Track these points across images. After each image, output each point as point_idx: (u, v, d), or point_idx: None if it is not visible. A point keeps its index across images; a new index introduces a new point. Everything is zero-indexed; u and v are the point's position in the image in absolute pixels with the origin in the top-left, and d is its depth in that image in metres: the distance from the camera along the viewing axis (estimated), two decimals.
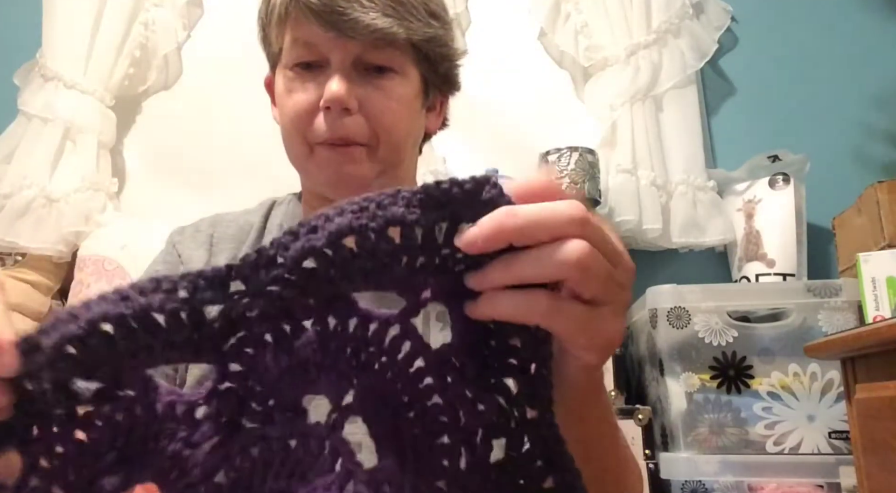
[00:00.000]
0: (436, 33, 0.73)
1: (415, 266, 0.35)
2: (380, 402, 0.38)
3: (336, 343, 0.36)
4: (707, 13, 1.77)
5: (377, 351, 0.37)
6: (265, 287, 0.34)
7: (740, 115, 1.78)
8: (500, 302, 0.36)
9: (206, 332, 0.34)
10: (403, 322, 0.37)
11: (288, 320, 0.35)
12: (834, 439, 1.24)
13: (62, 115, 1.78)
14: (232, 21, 1.96)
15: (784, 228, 1.56)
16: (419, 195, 0.35)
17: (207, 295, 0.33)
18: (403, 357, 0.38)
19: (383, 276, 0.35)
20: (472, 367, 0.38)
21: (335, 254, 0.34)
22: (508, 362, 0.38)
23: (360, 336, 0.37)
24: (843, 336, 0.98)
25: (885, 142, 1.70)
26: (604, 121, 1.72)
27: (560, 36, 1.82)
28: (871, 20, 1.76)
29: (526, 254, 0.35)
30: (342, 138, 0.70)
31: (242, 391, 0.36)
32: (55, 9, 1.87)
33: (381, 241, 0.34)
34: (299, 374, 0.36)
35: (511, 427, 0.38)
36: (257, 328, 0.35)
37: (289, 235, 0.34)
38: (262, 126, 1.82)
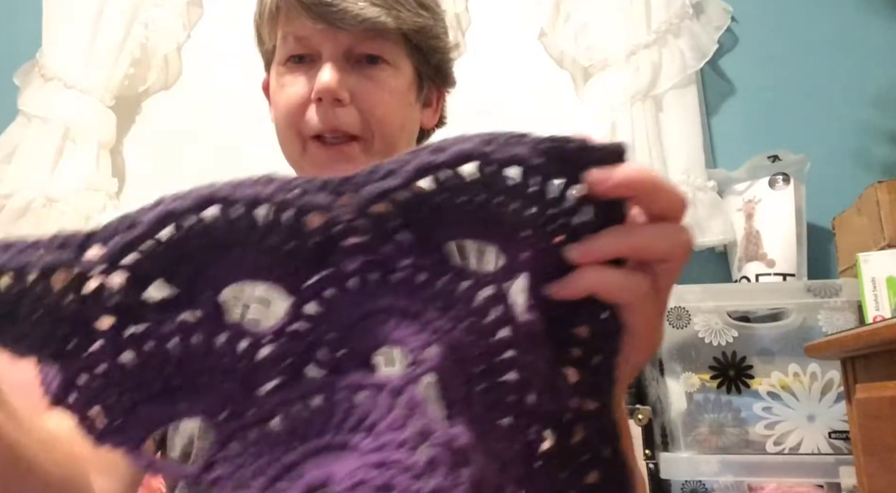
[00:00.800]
0: (426, 23, 0.73)
1: (521, 219, 0.34)
2: (458, 365, 0.35)
3: (425, 294, 0.34)
4: (707, 13, 1.77)
5: (465, 310, 0.35)
6: (370, 204, 0.32)
7: (740, 115, 1.78)
8: (603, 276, 0.35)
9: (298, 248, 0.32)
10: (498, 284, 0.35)
11: (379, 259, 0.33)
12: (834, 439, 1.24)
13: (62, 115, 1.78)
14: (232, 21, 1.95)
15: (784, 228, 1.56)
16: (547, 144, 0.33)
17: (317, 199, 0.32)
18: (490, 323, 0.35)
19: (489, 222, 0.34)
20: (551, 350, 0.36)
21: (452, 178, 0.32)
22: (572, 351, 0.37)
23: (450, 291, 0.34)
24: (843, 336, 0.98)
25: (885, 142, 1.69)
26: (604, 121, 1.71)
27: (560, 36, 1.82)
28: (871, 20, 1.75)
29: (649, 226, 0.35)
30: (334, 130, 0.69)
31: (313, 336, 0.34)
32: (55, 9, 1.87)
33: (501, 176, 0.32)
34: (379, 320, 0.34)
35: (566, 417, 0.37)
36: (346, 265, 0.33)
37: (408, 154, 0.32)
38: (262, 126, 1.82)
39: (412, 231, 0.34)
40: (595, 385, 0.36)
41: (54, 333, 0.32)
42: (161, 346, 0.33)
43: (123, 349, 0.33)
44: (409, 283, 0.34)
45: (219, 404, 0.34)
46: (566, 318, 0.37)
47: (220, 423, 0.34)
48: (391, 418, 0.34)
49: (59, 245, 0.32)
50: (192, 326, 0.34)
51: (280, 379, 0.34)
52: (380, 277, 0.34)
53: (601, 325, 0.36)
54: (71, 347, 0.33)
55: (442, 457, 0.32)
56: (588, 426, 0.37)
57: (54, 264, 0.31)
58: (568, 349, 0.37)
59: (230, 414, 0.34)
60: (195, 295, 0.33)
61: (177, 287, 0.33)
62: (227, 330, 0.34)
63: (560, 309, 0.36)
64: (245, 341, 0.34)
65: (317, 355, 0.35)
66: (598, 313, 0.36)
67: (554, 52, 1.87)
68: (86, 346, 0.33)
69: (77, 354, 0.33)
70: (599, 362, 0.36)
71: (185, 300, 0.33)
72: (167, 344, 0.33)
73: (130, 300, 0.33)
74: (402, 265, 0.34)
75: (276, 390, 0.34)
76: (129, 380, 0.33)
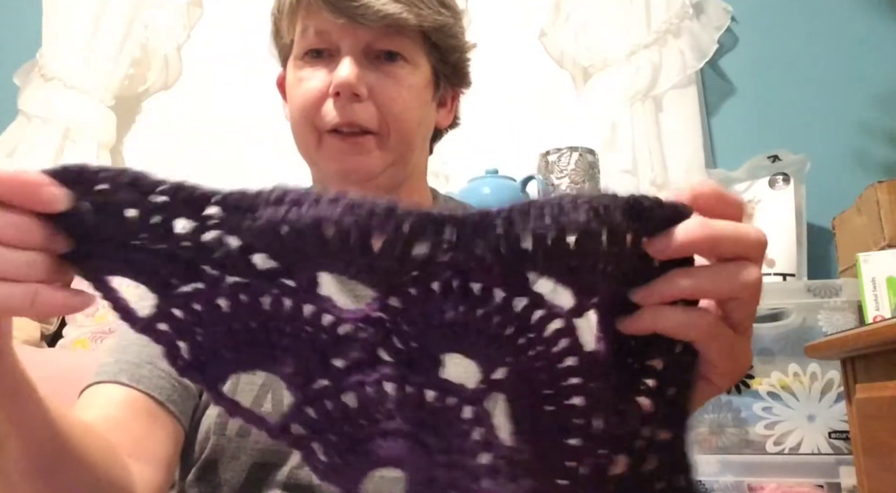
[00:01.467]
0: (446, 21, 0.73)
1: (600, 272, 0.36)
2: (526, 387, 0.38)
3: (501, 317, 0.36)
4: (707, 13, 1.77)
5: (536, 338, 0.37)
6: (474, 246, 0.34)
7: (740, 115, 1.78)
8: (664, 315, 0.37)
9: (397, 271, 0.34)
10: (568, 319, 0.37)
11: (465, 278, 0.35)
12: (834, 439, 1.24)
13: (62, 115, 1.78)
14: (232, 21, 1.96)
15: (784, 228, 1.56)
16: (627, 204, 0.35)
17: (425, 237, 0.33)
18: (558, 352, 0.38)
19: (571, 270, 0.35)
20: (618, 379, 0.38)
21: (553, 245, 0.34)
22: (646, 382, 0.38)
23: (524, 317, 0.37)
24: (843, 336, 0.98)
25: (885, 142, 1.69)
26: (604, 121, 1.72)
27: (560, 36, 1.82)
28: (871, 20, 1.75)
29: (706, 268, 0.37)
30: (351, 124, 0.69)
31: (391, 326, 0.37)
32: (55, 9, 1.87)
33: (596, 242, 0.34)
34: (454, 331, 0.37)
35: (639, 445, 0.38)
36: (437, 274, 0.35)
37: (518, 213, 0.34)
38: (262, 125, 1.83)
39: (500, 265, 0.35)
40: (669, 416, 0.38)
41: (163, 268, 0.35)
42: (255, 300, 0.36)
43: (222, 295, 0.36)
44: (490, 299, 0.36)
45: (298, 368, 0.37)
46: (642, 350, 0.38)
47: (297, 386, 0.37)
48: (458, 424, 0.36)
49: (184, 199, 0.35)
50: (287, 290, 0.36)
51: (357, 357, 0.37)
52: (462, 286, 0.36)
53: (675, 358, 0.38)
54: (174, 281, 0.36)
55: (501, 467, 0.35)
56: (662, 456, 0.38)
57: (179, 212, 0.34)
58: (643, 380, 0.38)
59: (307, 379, 0.37)
60: (295, 271, 0.36)
61: (279, 264, 0.36)
62: (317, 302, 0.37)
63: (635, 342, 0.38)
64: (330, 316, 0.37)
65: (392, 344, 0.37)
66: (673, 346, 0.38)
67: (554, 52, 1.87)
68: (188, 283, 0.36)
69: (178, 287, 0.36)
70: (673, 394, 0.38)
71: (285, 273, 0.36)
72: (261, 299, 0.36)
73: (238, 259, 0.35)
74: (484, 280, 0.36)
75: (351, 366, 0.37)
76: (219, 324, 0.36)
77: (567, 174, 1.59)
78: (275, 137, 0.76)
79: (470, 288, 0.36)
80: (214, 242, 0.35)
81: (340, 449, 0.37)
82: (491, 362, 0.38)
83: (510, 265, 0.35)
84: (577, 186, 1.58)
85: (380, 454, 0.37)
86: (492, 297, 0.36)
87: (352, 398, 0.37)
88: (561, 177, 1.58)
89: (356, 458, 0.37)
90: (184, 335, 0.36)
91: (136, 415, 0.62)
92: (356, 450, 0.37)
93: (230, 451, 0.65)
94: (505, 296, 0.36)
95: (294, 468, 0.64)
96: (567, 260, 0.34)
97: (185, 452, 0.67)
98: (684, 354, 0.38)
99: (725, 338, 0.38)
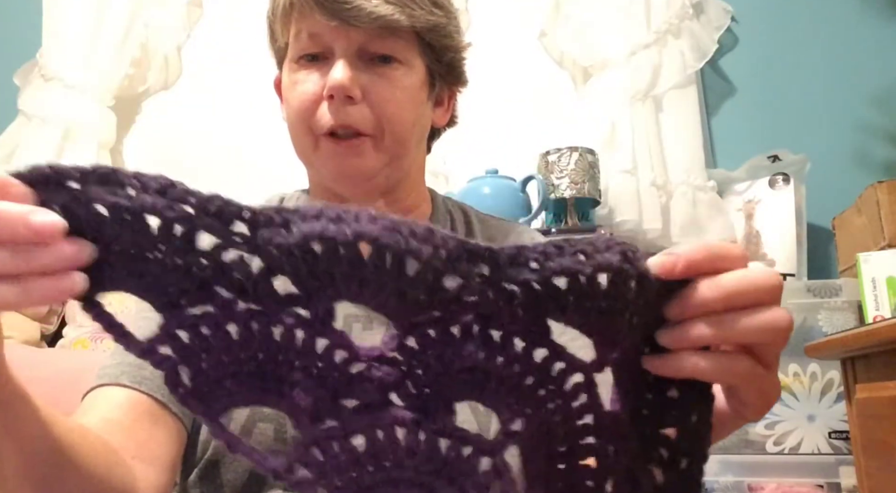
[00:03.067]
0: (439, 21, 0.73)
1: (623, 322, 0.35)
2: (542, 442, 0.37)
3: (521, 365, 0.36)
4: (707, 13, 1.77)
5: (556, 391, 0.36)
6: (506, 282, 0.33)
7: (740, 115, 1.78)
8: (698, 362, 0.36)
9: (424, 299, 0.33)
10: (588, 373, 0.37)
11: (486, 324, 0.35)
12: (834, 439, 1.24)
13: (62, 115, 1.78)
14: (232, 21, 1.96)
15: (784, 229, 1.56)
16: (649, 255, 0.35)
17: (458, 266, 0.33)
18: (577, 407, 0.37)
19: (595, 318, 0.35)
20: (633, 444, 0.38)
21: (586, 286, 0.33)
22: (660, 451, 0.38)
23: (545, 369, 0.36)
24: (843, 336, 0.98)
25: (885, 142, 1.69)
26: (604, 121, 1.71)
27: (560, 36, 1.82)
28: (871, 20, 1.75)
29: (732, 316, 0.36)
30: (346, 127, 0.69)
31: (406, 368, 0.36)
32: (55, 9, 1.87)
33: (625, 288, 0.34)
34: (473, 377, 0.36)
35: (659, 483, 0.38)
36: (456, 314, 0.34)
37: (554, 249, 0.33)
38: (262, 126, 1.83)
39: (527, 308, 0.35)
40: (680, 489, 0.38)
41: (175, 285, 0.34)
42: (267, 330, 0.34)
43: (232, 321, 0.34)
44: (510, 346, 0.35)
45: (307, 406, 0.35)
46: (656, 418, 0.38)
47: (304, 425, 0.35)
48: (475, 476, 0.35)
49: (214, 212, 0.33)
50: (301, 321, 0.35)
51: (369, 398, 0.35)
52: (482, 332, 0.35)
53: (690, 428, 0.37)
54: (184, 301, 0.34)
55: None
56: (679, 483, 0.38)
57: (207, 228, 0.33)
58: (656, 448, 0.38)
59: (315, 418, 0.35)
60: (314, 299, 0.34)
61: (301, 290, 0.34)
62: (332, 336, 0.35)
63: (648, 410, 0.38)
64: (343, 352, 0.35)
65: (405, 387, 0.36)
66: (689, 415, 0.37)
67: (554, 52, 1.87)
68: (199, 305, 0.34)
69: (187, 308, 0.34)
70: (686, 466, 0.37)
71: (303, 301, 0.34)
72: (272, 329, 0.34)
73: (257, 282, 0.34)
74: (505, 327, 0.35)
75: (362, 408, 0.35)
76: (226, 352, 0.34)
77: (567, 174, 1.59)
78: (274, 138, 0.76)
79: (490, 335, 0.35)
80: (236, 261, 0.34)
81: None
82: (510, 412, 0.36)
83: (536, 307, 0.34)
84: (577, 186, 1.58)
85: None
86: (512, 345, 0.35)
87: (361, 442, 0.35)
88: (561, 177, 1.58)
89: None
90: (187, 361, 0.34)
91: (139, 417, 0.62)
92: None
93: None
94: (525, 345, 0.35)
95: None
96: (597, 302, 0.34)
97: (186, 452, 0.67)
98: (699, 425, 0.37)
99: (759, 377, 0.38)
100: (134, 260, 0.33)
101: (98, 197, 0.32)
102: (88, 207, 0.32)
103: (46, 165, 0.33)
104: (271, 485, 0.64)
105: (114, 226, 0.33)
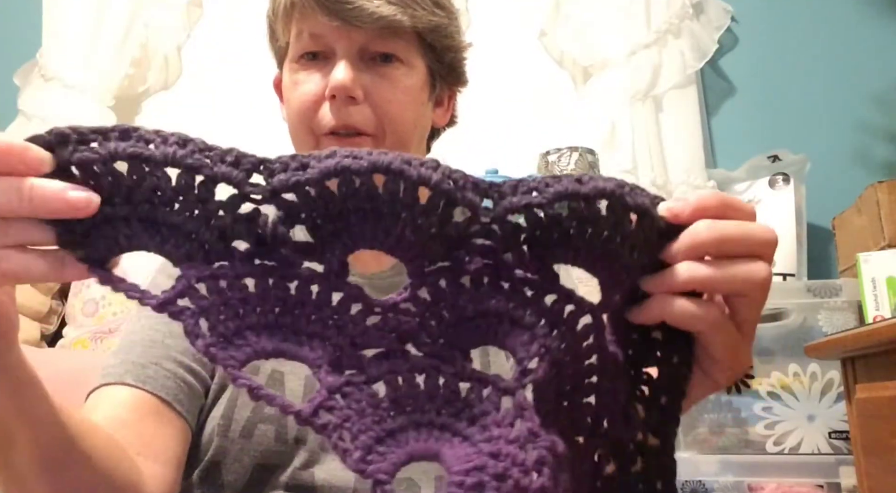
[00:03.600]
0: (440, 22, 0.73)
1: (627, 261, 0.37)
2: (554, 380, 0.38)
3: (533, 308, 0.37)
4: (707, 13, 1.77)
5: (569, 332, 0.38)
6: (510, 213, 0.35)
7: (740, 115, 1.78)
8: (673, 304, 0.37)
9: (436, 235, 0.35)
10: (596, 315, 0.38)
11: (497, 265, 0.36)
12: (834, 439, 1.24)
13: (62, 115, 1.78)
14: (232, 21, 1.96)
15: (784, 228, 1.56)
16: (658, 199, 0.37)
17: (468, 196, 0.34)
18: (585, 348, 0.38)
19: (601, 256, 0.36)
20: (629, 383, 0.39)
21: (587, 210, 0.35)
22: (643, 389, 0.39)
23: (557, 311, 0.37)
24: (843, 336, 0.98)
25: (885, 142, 1.69)
26: (603, 121, 1.71)
27: (560, 36, 1.82)
28: (871, 20, 1.75)
29: (716, 262, 0.37)
30: (348, 127, 0.69)
31: (420, 318, 0.37)
32: (55, 9, 1.87)
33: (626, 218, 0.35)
34: (487, 321, 0.37)
35: (630, 448, 0.39)
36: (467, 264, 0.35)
37: (550, 177, 0.35)
38: (262, 125, 1.83)
39: (533, 247, 0.36)
40: (660, 424, 0.39)
41: (194, 237, 0.35)
42: (283, 283, 0.36)
43: (249, 275, 0.35)
44: (521, 294, 0.37)
45: (327, 356, 0.36)
46: (640, 357, 0.39)
47: (327, 373, 0.36)
48: (501, 414, 0.36)
49: (232, 162, 0.35)
50: (317, 276, 0.36)
51: (386, 348, 0.37)
52: (493, 281, 0.36)
53: (671, 368, 0.39)
54: (202, 255, 0.35)
55: (547, 459, 0.35)
56: (648, 460, 0.39)
57: (224, 176, 0.34)
58: (639, 387, 0.39)
59: (335, 367, 0.36)
60: (328, 250, 0.36)
61: (316, 239, 0.35)
62: (346, 289, 0.37)
63: (633, 350, 0.39)
64: (359, 304, 0.37)
65: (420, 337, 0.37)
66: (670, 356, 0.39)
67: (554, 51, 1.87)
68: (217, 259, 0.35)
69: (206, 262, 0.35)
70: (666, 403, 0.39)
71: (318, 251, 0.36)
72: (289, 284, 0.36)
73: (274, 234, 0.35)
74: (514, 275, 0.36)
75: (381, 357, 0.37)
76: (245, 305, 0.35)
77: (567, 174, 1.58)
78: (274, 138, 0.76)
79: (500, 285, 0.36)
80: (251, 213, 0.35)
81: (371, 440, 0.36)
82: (526, 352, 0.38)
83: (542, 245, 0.35)
84: None
85: (415, 447, 0.36)
86: (522, 291, 0.36)
87: (381, 388, 0.36)
88: None
89: (388, 450, 0.36)
90: (206, 312, 0.35)
91: (144, 415, 0.62)
92: (387, 442, 0.36)
93: (233, 453, 0.65)
94: (535, 293, 0.37)
95: (297, 470, 0.64)
96: (598, 230, 0.35)
97: (189, 452, 0.67)
98: (680, 365, 0.38)
99: (730, 334, 0.39)
100: (152, 215, 0.34)
101: (119, 150, 0.33)
102: (107, 165, 0.33)
103: (67, 127, 0.34)
104: (272, 485, 0.64)
105: (133, 179, 0.34)
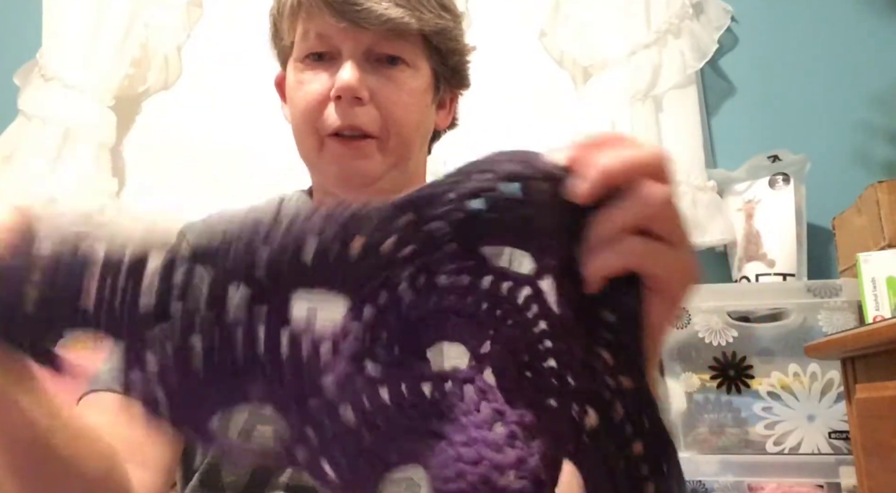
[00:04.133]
0: (447, 25, 0.73)
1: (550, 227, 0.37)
2: (508, 358, 0.39)
3: (472, 296, 0.38)
4: (707, 13, 1.77)
5: (511, 308, 0.39)
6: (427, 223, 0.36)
7: (740, 115, 1.78)
8: (599, 258, 0.37)
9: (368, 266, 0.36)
10: (534, 283, 0.39)
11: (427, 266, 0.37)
12: (834, 439, 1.24)
13: (62, 115, 1.78)
14: (232, 21, 1.96)
15: (784, 228, 1.56)
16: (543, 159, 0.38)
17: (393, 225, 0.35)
18: (532, 317, 0.39)
19: (525, 232, 0.37)
20: (584, 337, 0.40)
21: (500, 198, 0.36)
22: (604, 335, 0.40)
23: (494, 292, 0.38)
24: (843, 336, 0.98)
25: (885, 142, 1.70)
26: (604, 121, 1.71)
27: (560, 36, 1.82)
28: (871, 20, 1.75)
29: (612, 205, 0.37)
30: (353, 128, 0.69)
31: (370, 336, 0.37)
32: (55, 9, 1.87)
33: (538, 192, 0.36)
34: (435, 321, 0.38)
35: (606, 396, 0.39)
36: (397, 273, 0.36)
37: (461, 175, 0.36)
38: (262, 126, 1.83)
39: (457, 242, 0.37)
40: (628, 363, 0.39)
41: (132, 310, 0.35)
42: (229, 334, 0.36)
43: (194, 332, 0.35)
44: (457, 286, 0.38)
45: (288, 393, 0.37)
46: (594, 307, 0.40)
47: (290, 410, 0.37)
48: (466, 403, 0.38)
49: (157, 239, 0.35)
50: (260, 319, 0.36)
51: (344, 372, 0.37)
52: (427, 282, 0.37)
53: (622, 309, 0.39)
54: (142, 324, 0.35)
55: (517, 432, 0.36)
56: (627, 403, 0.39)
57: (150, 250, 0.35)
58: (600, 334, 0.40)
59: (299, 402, 0.37)
60: (268, 293, 0.36)
61: (252, 287, 0.36)
62: (293, 325, 0.37)
63: (587, 301, 0.39)
64: (308, 337, 0.37)
65: (374, 353, 0.38)
66: (619, 298, 0.39)
67: (554, 51, 1.87)
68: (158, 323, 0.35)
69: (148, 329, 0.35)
70: (628, 341, 0.39)
71: (257, 298, 0.36)
72: (235, 331, 0.36)
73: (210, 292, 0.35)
74: (447, 270, 0.37)
75: (340, 381, 0.37)
76: (196, 362, 0.36)
77: None
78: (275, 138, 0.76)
79: (435, 282, 0.37)
80: (185, 277, 0.35)
81: (349, 461, 0.36)
82: (476, 339, 0.39)
83: (467, 237, 0.36)
84: None
85: (394, 456, 0.37)
86: (459, 284, 0.37)
87: (349, 411, 0.37)
88: None
89: (367, 466, 0.37)
90: (161, 379, 0.35)
91: (132, 421, 0.62)
92: (366, 458, 0.37)
93: None
94: (470, 280, 0.38)
95: (296, 471, 0.64)
96: (519, 211, 0.36)
97: (187, 457, 0.67)
98: (630, 301, 0.39)
99: (661, 253, 0.38)
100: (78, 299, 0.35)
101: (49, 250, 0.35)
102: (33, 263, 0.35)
103: None
104: (272, 486, 0.64)
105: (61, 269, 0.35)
